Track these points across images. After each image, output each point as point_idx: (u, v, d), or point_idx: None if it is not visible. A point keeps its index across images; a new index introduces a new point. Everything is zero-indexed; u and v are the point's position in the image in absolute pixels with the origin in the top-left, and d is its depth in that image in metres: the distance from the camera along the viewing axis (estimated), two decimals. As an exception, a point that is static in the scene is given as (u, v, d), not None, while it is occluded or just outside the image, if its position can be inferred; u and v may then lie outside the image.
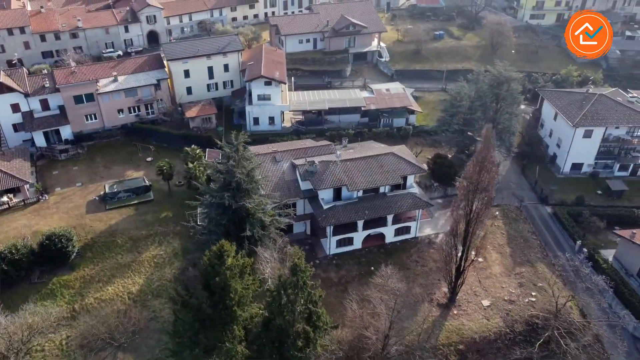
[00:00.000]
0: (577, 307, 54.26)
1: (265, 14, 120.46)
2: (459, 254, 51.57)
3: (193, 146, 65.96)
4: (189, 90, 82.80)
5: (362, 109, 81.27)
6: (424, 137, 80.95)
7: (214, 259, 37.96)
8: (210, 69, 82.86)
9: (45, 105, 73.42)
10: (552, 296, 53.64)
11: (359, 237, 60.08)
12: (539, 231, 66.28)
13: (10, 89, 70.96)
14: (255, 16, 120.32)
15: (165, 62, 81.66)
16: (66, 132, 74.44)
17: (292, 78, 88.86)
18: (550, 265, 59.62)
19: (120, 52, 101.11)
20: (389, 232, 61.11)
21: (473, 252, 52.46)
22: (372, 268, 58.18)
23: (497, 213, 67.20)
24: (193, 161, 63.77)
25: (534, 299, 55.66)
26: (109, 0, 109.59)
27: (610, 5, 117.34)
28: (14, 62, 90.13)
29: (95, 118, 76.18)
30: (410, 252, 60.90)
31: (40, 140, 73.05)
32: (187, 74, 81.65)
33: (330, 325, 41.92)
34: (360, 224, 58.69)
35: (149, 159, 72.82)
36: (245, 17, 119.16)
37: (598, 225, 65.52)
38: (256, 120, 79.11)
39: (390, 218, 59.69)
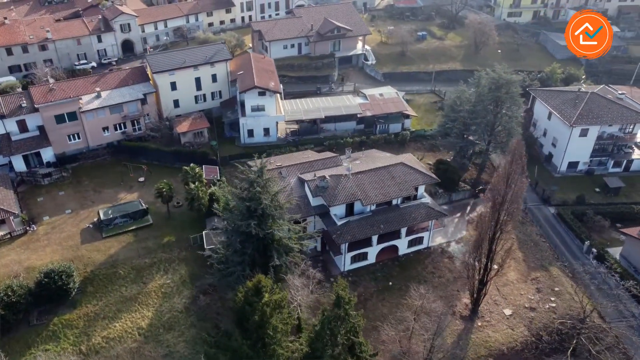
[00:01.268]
0: (597, 310, 54.31)
1: (242, 18, 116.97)
2: (482, 266, 50.72)
3: (192, 165, 62.27)
4: (176, 104, 78.74)
5: (358, 115, 79.49)
6: (422, 142, 79.91)
7: (251, 295, 35.35)
8: (197, 80, 78.96)
9: (23, 126, 68.06)
10: (572, 301, 53.90)
11: (373, 252, 58.41)
12: (545, 233, 66.33)
13: (-17, 111, 65.52)
14: (232, 21, 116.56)
15: (149, 74, 77.42)
16: (48, 154, 69.20)
17: (281, 86, 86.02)
18: (564, 269, 59.68)
19: (94, 64, 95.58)
20: (402, 244, 59.71)
21: (496, 265, 51.70)
22: (390, 283, 56.91)
23: (504, 217, 66.81)
24: (194, 181, 60.25)
25: (554, 305, 55.46)
26: (79, 8, 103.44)
27: (583, 1, 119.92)
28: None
29: (79, 138, 71.19)
30: (425, 264, 59.72)
31: (19, 164, 67.55)
32: (174, 86, 77.46)
33: (370, 353, 39.95)
34: (374, 238, 57.01)
35: (141, 179, 68.65)
36: (222, 22, 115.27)
37: (602, 224, 66.01)
38: (250, 133, 76.06)
39: (404, 230, 58.28)
